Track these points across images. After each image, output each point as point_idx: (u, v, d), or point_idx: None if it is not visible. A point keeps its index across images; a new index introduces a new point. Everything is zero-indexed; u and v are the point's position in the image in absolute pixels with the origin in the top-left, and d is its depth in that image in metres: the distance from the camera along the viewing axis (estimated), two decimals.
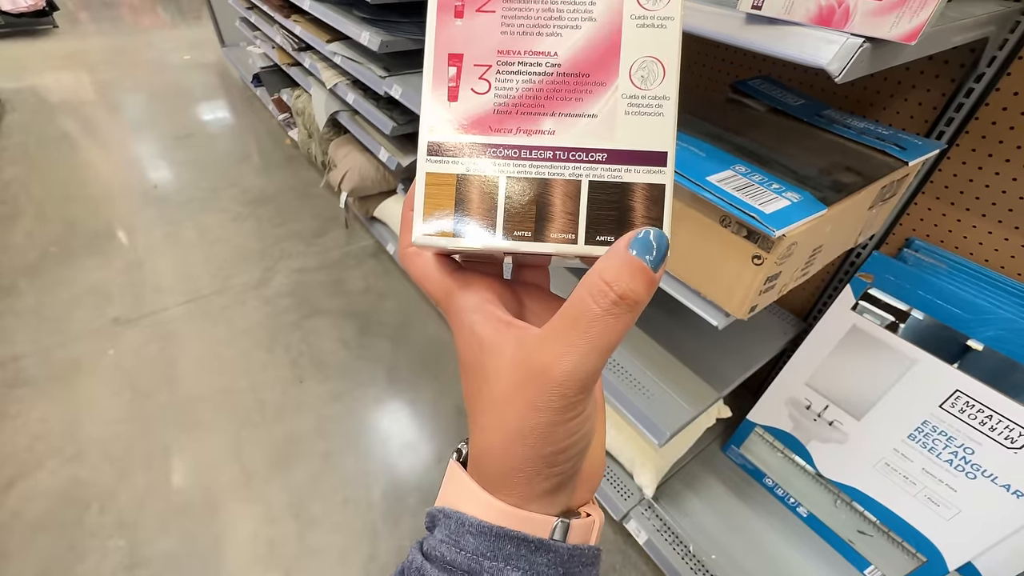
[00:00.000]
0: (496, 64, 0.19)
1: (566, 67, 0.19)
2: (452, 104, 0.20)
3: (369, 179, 1.72)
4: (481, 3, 0.19)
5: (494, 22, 0.19)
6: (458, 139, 0.19)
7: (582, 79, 0.19)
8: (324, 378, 1.49)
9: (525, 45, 0.19)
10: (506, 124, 0.19)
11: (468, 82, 0.19)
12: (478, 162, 0.19)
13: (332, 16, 1.38)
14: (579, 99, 0.19)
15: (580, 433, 0.18)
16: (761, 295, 0.58)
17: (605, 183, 0.19)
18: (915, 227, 0.86)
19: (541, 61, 0.19)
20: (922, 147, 0.69)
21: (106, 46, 4.07)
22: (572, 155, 0.19)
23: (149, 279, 1.79)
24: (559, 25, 0.19)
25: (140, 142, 2.71)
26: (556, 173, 0.19)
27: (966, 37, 0.57)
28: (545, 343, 0.17)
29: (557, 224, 0.19)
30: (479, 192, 0.19)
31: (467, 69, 0.19)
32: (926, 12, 0.38)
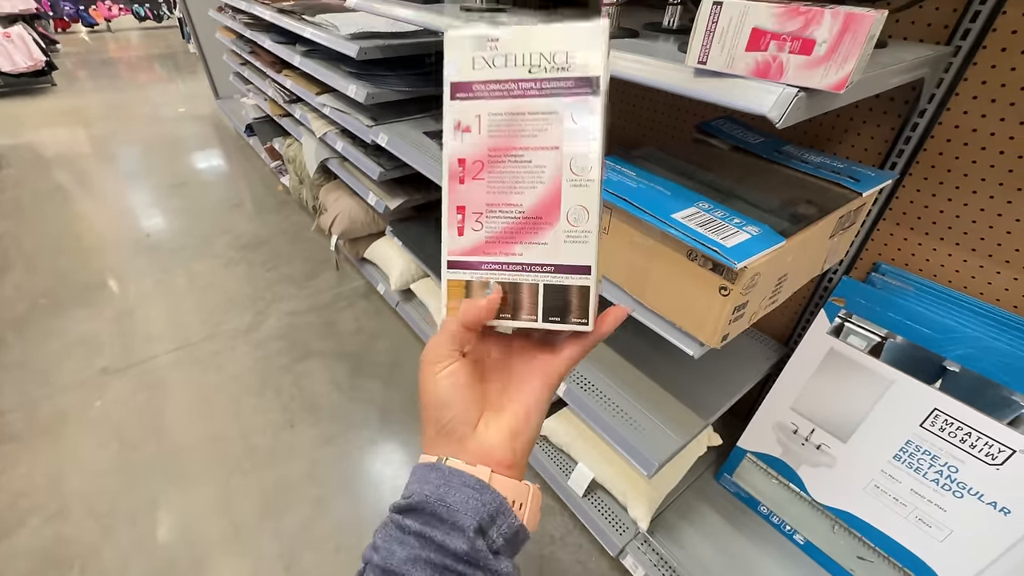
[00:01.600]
0: (485, 211, 0.31)
1: (528, 213, 0.30)
2: (459, 237, 0.32)
3: (359, 222, 1.76)
4: (475, 174, 0.31)
5: (483, 186, 0.31)
6: (464, 259, 0.32)
7: (538, 220, 0.30)
8: (316, 421, 1.47)
9: (503, 199, 0.31)
10: (493, 249, 0.31)
11: (469, 223, 0.31)
12: (476, 272, 0.32)
13: (321, 71, 1.45)
14: (536, 233, 0.31)
15: (441, 384, 0.31)
16: (732, 324, 0.60)
17: (554, 285, 0.31)
18: (880, 252, 0.90)
19: (513, 210, 0.31)
20: (875, 178, 0.73)
21: (103, 102, 4.20)
22: (534, 268, 0.31)
23: (139, 328, 1.79)
24: (523, 187, 0.30)
25: (134, 192, 2.76)
26: (524, 279, 0.31)
27: (902, 79, 0.62)
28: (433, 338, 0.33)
29: (526, 310, 0.32)
30: (479, 290, 0.32)
31: (468, 215, 0.31)
32: (849, 66, 0.42)
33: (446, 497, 0.28)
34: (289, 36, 1.71)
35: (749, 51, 0.46)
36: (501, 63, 0.29)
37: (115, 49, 6.13)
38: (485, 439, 0.31)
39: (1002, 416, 0.76)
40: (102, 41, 6.48)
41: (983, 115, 0.73)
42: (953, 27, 0.71)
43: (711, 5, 0.47)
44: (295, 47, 1.64)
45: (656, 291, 0.66)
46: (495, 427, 0.32)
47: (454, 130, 0.30)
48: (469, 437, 0.31)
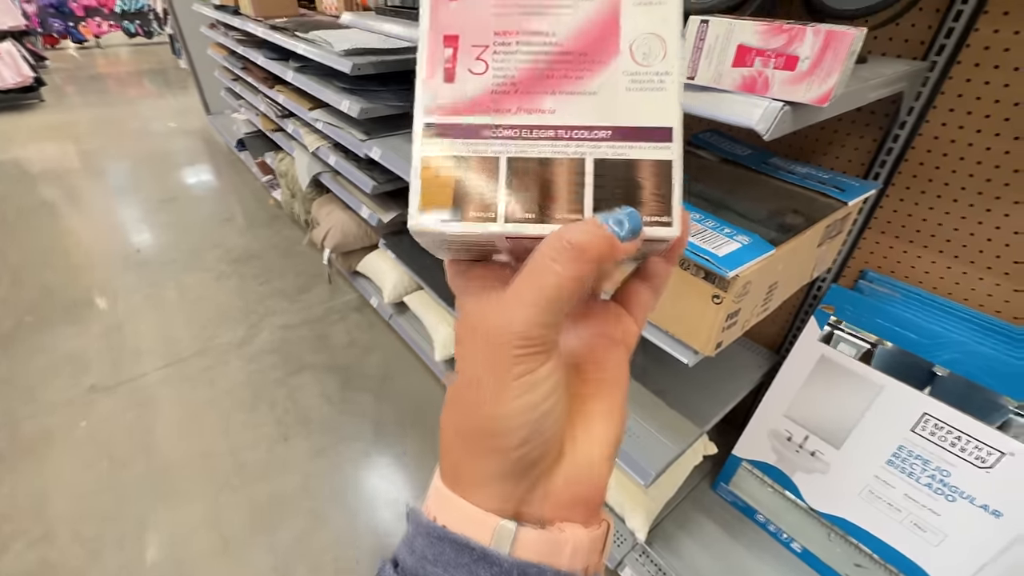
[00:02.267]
0: (493, 44, 0.19)
1: (565, 46, 0.19)
2: (449, 85, 0.19)
3: (351, 235, 1.76)
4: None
5: (490, 2, 0.19)
6: (456, 120, 0.19)
7: (581, 57, 0.19)
8: (309, 434, 1.46)
9: (522, 25, 0.19)
10: (505, 104, 0.19)
11: (465, 63, 0.19)
12: (477, 144, 0.19)
13: (314, 86, 1.46)
14: (579, 77, 0.19)
15: (528, 400, 0.16)
16: (725, 332, 0.61)
17: (610, 160, 0.19)
18: (867, 260, 0.92)
19: (539, 40, 0.19)
20: (859, 188, 0.76)
21: (91, 117, 4.18)
22: (575, 133, 0.19)
23: (128, 344, 1.77)
24: (556, 4, 0.19)
25: (123, 207, 2.74)
26: (559, 152, 0.19)
27: (881, 93, 0.65)
28: (499, 301, 0.17)
29: (562, 205, 0.18)
30: (479, 174, 0.19)
31: (464, 50, 0.19)
32: (831, 81, 0.44)
33: None
34: (282, 52, 1.73)
35: (736, 67, 0.48)
36: None
37: (104, 65, 6.12)
38: (575, 471, 0.18)
39: (991, 419, 0.77)
40: (91, 57, 6.47)
41: (960, 127, 0.75)
42: (929, 43, 0.74)
43: (698, 23, 0.48)
44: (288, 63, 1.65)
45: None
46: (590, 445, 0.19)
47: None
48: (552, 469, 0.18)
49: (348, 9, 1.70)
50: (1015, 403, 0.75)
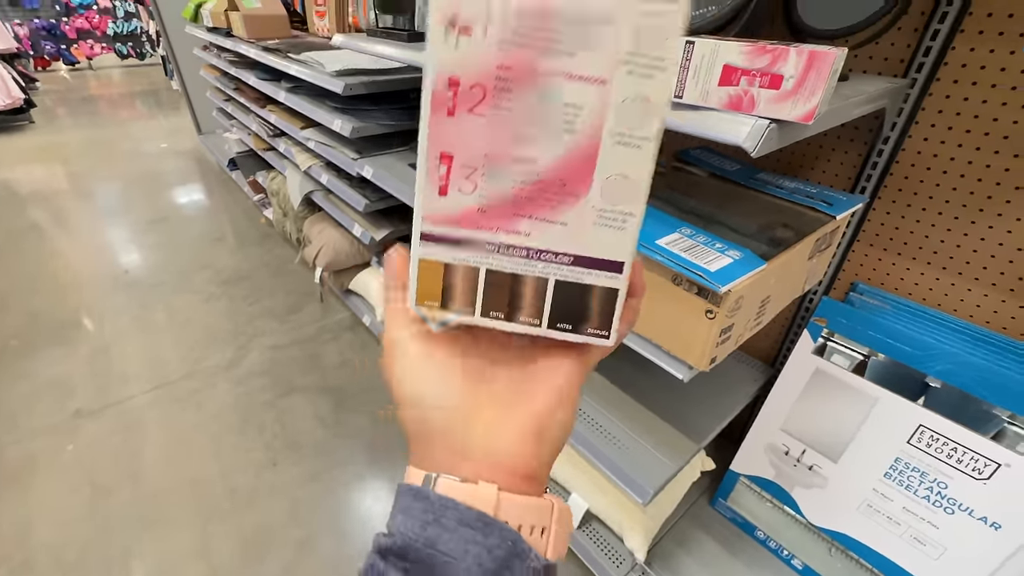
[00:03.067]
0: (482, 167, 0.21)
1: (545, 175, 0.21)
2: (442, 198, 0.21)
3: (344, 253, 1.75)
4: (472, 104, 0.20)
5: (483, 126, 0.20)
6: (446, 232, 0.22)
7: (558, 187, 0.21)
8: (299, 458, 1.43)
9: (510, 150, 0.20)
10: (488, 223, 0.22)
11: (457, 181, 0.21)
12: (463, 253, 0.22)
13: (306, 106, 1.47)
14: (554, 207, 0.21)
15: (407, 373, 0.25)
16: (719, 347, 0.61)
17: (568, 283, 0.22)
18: (857, 272, 0.93)
19: (523, 168, 0.21)
20: (847, 202, 0.77)
21: (82, 139, 4.17)
22: (544, 255, 0.22)
23: (115, 367, 1.74)
24: (542, 134, 0.20)
25: (112, 228, 2.72)
26: (528, 270, 0.22)
27: (864, 110, 0.66)
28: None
29: (526, 311, 0.23)
30: (463, 278, 0.23)
31: (456, 169, 0.21)
32: (815, 99, 0.44)
33: (437, 542, 0.21)
34: (274, 73, 1.74)
35: (722, 86, 0.49)
36: None
37: (96, 87, 6.14)
38: (493, 443, 0.23)
39: (985, 430, 0.77)
40: (83, 79, 6.49)
41: (942, 141, 0.77)
42: (908, 61, 0.76)
43: (683, 43, 0.49)
44: (280, 83, 1.67)
45: (643, 316, 0.67)
46: (509, 426, 0.23)
47: (445, 30, 0.19)
48: (467, 440, 0.23)
49: (340, 31, 1.72)
50: (1007, 413, 0.75)
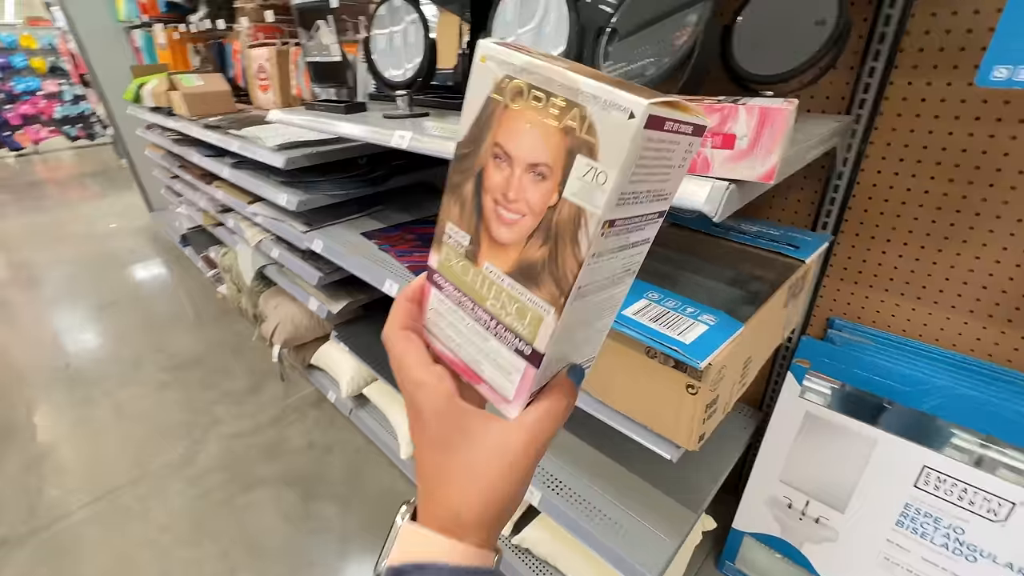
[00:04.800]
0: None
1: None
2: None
3: (303, 327, 1.65)
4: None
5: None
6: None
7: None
8: (262, 565, 1.27)
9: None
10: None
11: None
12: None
13: (251, 181, 1.41)
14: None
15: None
16: (706, 422, 0.55)
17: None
18: (831, 307, 0.90)
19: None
20: (813, 242, 0.74)
21: (26, 224, 3.98)
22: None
23: (49, 480, 1.55)
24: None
25: (55, 318, 2.53)
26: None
27: (819, 151, 0.64)
28: (518, 429, 0.25)
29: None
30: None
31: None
32: (773, 157, 0.41)
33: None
34: (217, 149, 1.69)
35: None
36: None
37: (43, 170, 5.96)
38: (457, 506, 0.25)
39: (991, 466, 0.73)
40: (29, 164, 6.30)
41: (895, 173, 0.76)
42: (850, 98, 0.75)
43: None
44: (224, 159, 1.61)
45: (622, 392, 0.61)
46: (470, 493, 0.25)
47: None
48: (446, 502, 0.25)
49: (285, 104, 1.70)
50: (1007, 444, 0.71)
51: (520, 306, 0.22)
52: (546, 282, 0.21)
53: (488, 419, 0.25)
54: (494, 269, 0.23)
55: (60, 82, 6.59)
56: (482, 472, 0.24)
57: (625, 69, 0.55)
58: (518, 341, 0.23)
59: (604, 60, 0.57)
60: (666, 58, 0.50)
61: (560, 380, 0.25)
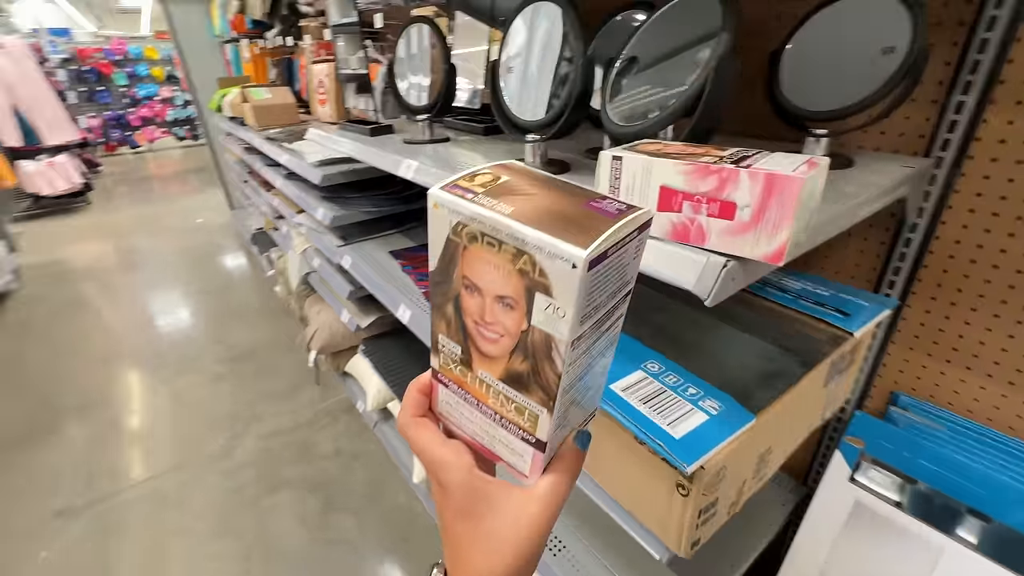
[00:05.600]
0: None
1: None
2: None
3: (339, 335, 1.69)
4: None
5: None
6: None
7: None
8: (277, 572, 1.30)
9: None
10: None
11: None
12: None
13: (297, 193, 1.46)
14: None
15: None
16: (701, 528, 0.46)
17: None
18: (896, 380, 0.76)
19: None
20: (869, 308, 0.62)
21: (134, 216, 4.48)
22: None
23: (107, 458, 1.69)
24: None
25: (144, 303, 2.81)
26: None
27: (876, 207, 0.53)
28: (534, 499, 0.26)
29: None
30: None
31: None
32: (783, 234, 0.32)
33: None
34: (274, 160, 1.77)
35: (661, 211, 0.38)
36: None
37: (154, 167, 6.70)
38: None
39: None
40: (143, 160, 7.11)
41: (987, 230, 0.62)
42: (930, 137, 0.63)
43: (610, 159, 0.39)
44: (279, 169, 1.69)
45: (610, 474, 0.53)
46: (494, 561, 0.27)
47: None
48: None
49: (339, 117, 1.75)
50: None
51: (517, 406, 0.25)
52: (534, 389, 0.24)
53: (508, 489, 0.27)
54: (488, 375, 0.25)
55: (174, 88, 7.39)
56: (504, 538, 0.26)
57: (631, 107, 0.48)
58: (522, 432, 0.25)
59: (611, 98, 0.50)
60: (672, 99, 0.42)
61: (568, 448, 0.28)
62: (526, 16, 0.58)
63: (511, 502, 0.26)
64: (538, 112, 0.56)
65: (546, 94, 0.54)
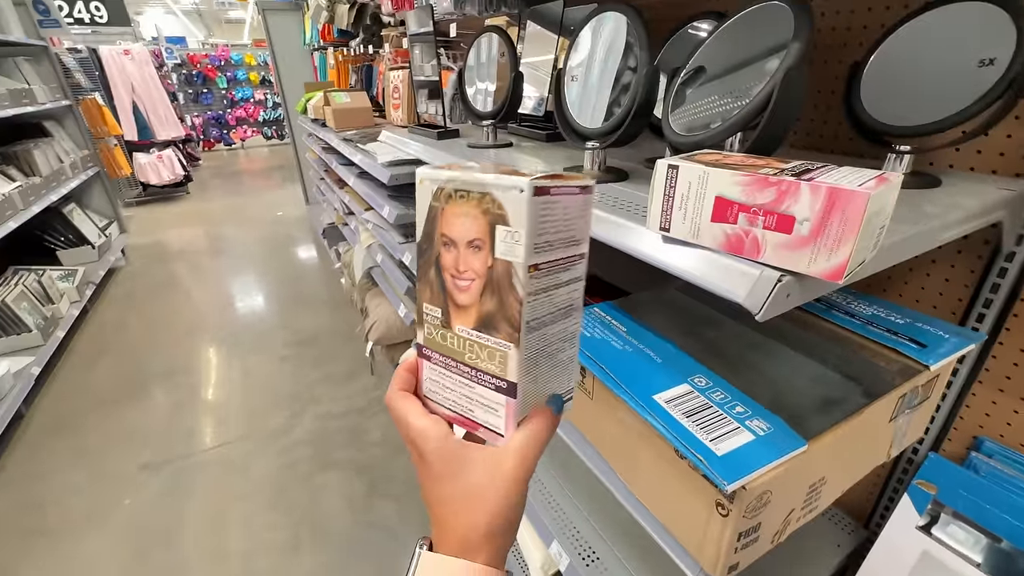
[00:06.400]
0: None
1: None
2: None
3: (395, 328, 1.77)
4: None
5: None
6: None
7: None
8: (322, 547, 1.37)
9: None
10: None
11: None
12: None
13: (367, 191, 1.55)
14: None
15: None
16: (741, 552, 0.45)
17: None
18: (981, 424, 0.69)
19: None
20: (951, 342, 0.57)
21: (224, 206, 4.93)
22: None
23: (186, 422, 1.87)
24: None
25: (225, 285, 3.08)
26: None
27: (962, 230, 0.49)
28: (508, 453, 0.28)
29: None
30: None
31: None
32: (845, 251, 0.31)
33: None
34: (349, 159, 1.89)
35: (716, 222, 0.37)
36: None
37: (244, 163, 7.32)
38: (464, 531, 0.28)
39: None
40: (235, 157, 7.80)
41: None
42: None
43: (666, 168, 0.39)
44: (352, 168, 1.80)
45: (647, 485, 0.53)
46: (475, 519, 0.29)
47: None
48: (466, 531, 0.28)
49: (411, 121, 1.84)
50: None
51: (489, 350, 0.27)
52: (502, 325, 0.27)
53: (482, 449, 0.28)
54: (463, 328, 0.28)
55: (266, 92, 8.04)
56: (481, 494, 0.27)
57: (694, 117, 0.47)
58: (495, 380, 0.28)
59: (673, 108, 0.50)
60: (736, 110, 0.42)
61: (540, 410, 0.29)
62: (593, 26, 0.59)
63: (486, 459, 0.28)
64: (598, 119, 0.56)
65: (606, 102, 0.54)
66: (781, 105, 0.39)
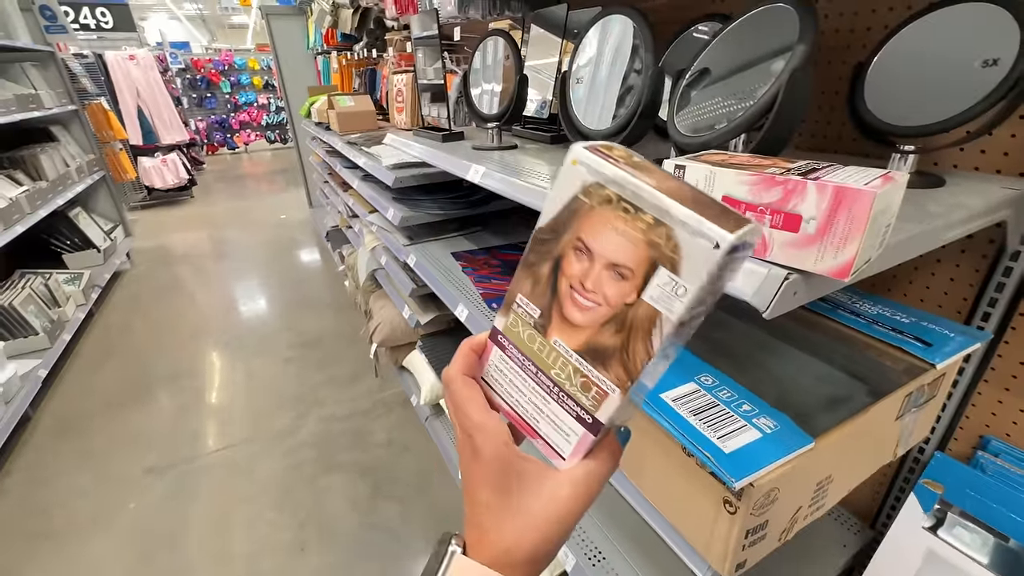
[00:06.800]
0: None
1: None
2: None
3: (399, 330, 1.77)
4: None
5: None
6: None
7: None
8: (327, 548, 1.37)
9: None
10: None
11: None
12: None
13: (371, 194, 1.56)
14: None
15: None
16: (748, 549, 0.45)
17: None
18: (987, 423, 0.69)
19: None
20: (956, 340, 0.57)
21: (229, 209, 4.95)
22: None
23: (190, 425, 1.88)
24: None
25: (229, 288, 3.09)
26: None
27: (963, 231, 0.49)
28: (569, 483, 0.26)
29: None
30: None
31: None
32: (851, 249, 0.32)
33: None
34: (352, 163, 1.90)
35: None
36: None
37: (248, 166, 7.36)
38: (510, 546, 0.26)
39: None
40: (239, 160, 7.83)
41: None
42: None
43: (673, 168, 0.39)
44: (356, 171, 1.81)
45: (654, 483, 0.53)
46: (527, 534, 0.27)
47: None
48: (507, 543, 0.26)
49: (415, 124, 1.85)
50: None
51: (586, 381, 0.24)
52: (615, 366, 0.23)
53: (543, 469, 0.27)
54: (562, 343, 0.25)
55: (269, 96, 8.09)
56: (535, 517, 0.26)
57: (699, 118, 0.48)
58: (580, 410, 0.25)
59: (678, 109, 0.50)
60: (741, 111, 0.42)
61: (609, 442, 0.27)
62: (599, 28, 0.60)
63: (545, 482, 0.26)
64: (604, 121, 0.57)
65: (612, 103, 0.55)
66: (786, 106, 0.40)
